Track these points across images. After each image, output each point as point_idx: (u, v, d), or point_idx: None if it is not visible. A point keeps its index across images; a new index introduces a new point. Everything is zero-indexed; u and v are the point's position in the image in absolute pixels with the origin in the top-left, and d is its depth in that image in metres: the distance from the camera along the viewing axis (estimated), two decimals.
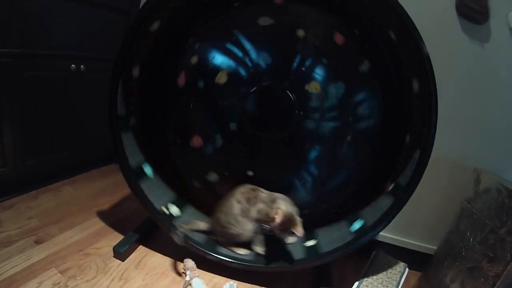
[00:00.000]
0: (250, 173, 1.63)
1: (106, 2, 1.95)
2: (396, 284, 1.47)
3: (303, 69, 1.53)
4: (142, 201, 1.48)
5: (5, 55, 1.52)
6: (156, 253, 1.58)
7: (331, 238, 1.49)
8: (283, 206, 1.36)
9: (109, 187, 2.12)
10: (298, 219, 1.34)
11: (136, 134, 1.54)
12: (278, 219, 1.31)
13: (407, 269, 1.54)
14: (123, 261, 1.50)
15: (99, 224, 1.73)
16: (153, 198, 1.51)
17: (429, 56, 1.21)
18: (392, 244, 1.80)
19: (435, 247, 1.60)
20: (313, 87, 1.52)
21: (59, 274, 1.34)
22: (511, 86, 1.53)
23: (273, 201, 1.41)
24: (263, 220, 1.39)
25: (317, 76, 1.53)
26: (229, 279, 1.48)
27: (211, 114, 1.65)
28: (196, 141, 1.63)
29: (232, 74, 1.56)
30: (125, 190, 2.06)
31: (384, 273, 1.53)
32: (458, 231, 1.43)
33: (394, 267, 1.55)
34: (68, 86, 1.87)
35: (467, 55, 1.55)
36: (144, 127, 1.59)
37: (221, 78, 1.56)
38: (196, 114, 1.64)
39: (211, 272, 1.50)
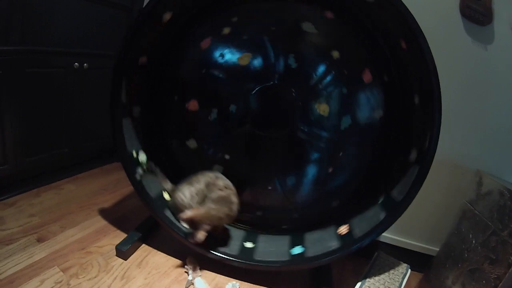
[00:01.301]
0: (227, 156, 1.62)
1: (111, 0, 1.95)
2: (398, 285, 1.47)
3: (320, 86, 1.52)
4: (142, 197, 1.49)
5: (7, 51, 1.52)
6: (159, 252, 1.59)
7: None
8: (201, 210, 1.39)
9: (111, 185, 2.12)
10: (202, 231, 1.40)
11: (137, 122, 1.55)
12: (181, 218, 1.40)
13: (409, 270, 1.54)
14: (125, 259, 1.50)
15: (101, 222, 1.73)
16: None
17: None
18: (393, 245, 1.81)
19: (437, 249, 1.60)
20: (322, 109, 1.51)
21: (61, 273, 1.34)
22: None
23: (204, 199, 1.43)
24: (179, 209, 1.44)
25: (330, 99, 1.53)
26: (231, 279, 1.48)
27: (217, 88, 1.61)
28: (193, 105, 1.61)
29: (252, 62, 1.55)
30: (126, 188, 2.07)
31: (386, 274, 1.53)
32: (459, 233, 1.43)
33: (396, 268, 1.55)
34: (70, 83, 1.87)
35: (470, 57, 1.55)
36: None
37: (243, 60, 1.54)
38: (204, 82, 1.62)
39: (213, 272, 1.51)
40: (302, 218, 1.65)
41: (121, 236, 1.60)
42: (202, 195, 1.43)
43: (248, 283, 1.50)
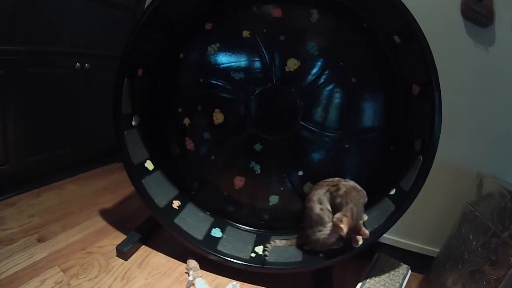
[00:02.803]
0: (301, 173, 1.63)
1: (112, 0, 1.95)
2: (398, 286, 1.47)
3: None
4: (144, 198, 1.49)
5: (10, 51, 1.52)
6: (159, 253, 1.59)
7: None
8: (348, 212, 1.35)
9: (111, 186, 2.13)
10: (361, 223, 1.37)
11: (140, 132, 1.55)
12: (344, 229, 1.31)
13: (409, 272, 1.54)
14: (126, 260, 1.50)
15: (101, 222, 1.73)
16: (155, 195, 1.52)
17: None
18: (394, 246, 1.81)
19: (437, 250, 1.60)
20: (292, 64, 1.53)
21: (62, 273, 1.34)
22: None
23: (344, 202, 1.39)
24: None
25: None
26: (232, 280, 1.48)
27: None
28: (189, 144, 1.65)
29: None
30: (127, 189, 2.07)
31: (387, 275, 1.53)
32: (460, 234, 1.43)
33: (397, 269, 1.55)
34: (72, 83, 1.88)
35: (472, 59, 1.55)
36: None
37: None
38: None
39: (214, 273, 1.51)
40: None
41: (121, 236, 1.61)
42: (327, 212, 1.43)
43: (249, 284, 1.49)
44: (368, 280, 1.50)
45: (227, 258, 1.48)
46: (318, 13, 1.50)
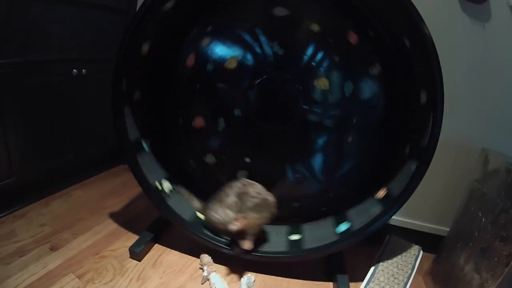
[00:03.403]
0: (248, 159, 1.65)
1: (103, 3, 1.93)
2: (411, 267, 1.48)
3: (313, 63, 1.53)
4: (136, 174, 1.49)
5: (4, 64, 1.50)
6: (172, 251, 1.60)
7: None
8: (245, 221, 1.39)
9: (118, 188, 2.13)
10: (249, 240, 1.41)
11: (136, 110, 1.54)
12: (233, 228, 1.37)
13: (421, 252, 1.56)
14: (139, 261, 1.51)
15: (111, 225, 1.74)
16: (147, 172, 1.52)
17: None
18: (404, 228, 1.82)
19: (447, 229, 1.61)
20: (322, 83, 1.52)
21: (77, 279, 1.35)
22: None
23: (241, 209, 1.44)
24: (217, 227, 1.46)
25: (326, 72, 1.53)
26: (246, 272, 1.49)
27: (217, 98, 1.64)
28: (198, 122, 1.63)
29: (242, 61, 1.56)
30: (134, 190, 2.08)
31: (399, 256, 1.54)
32: (469, 212, 1.44)
33: (409, 251, 1.56)
34: (70, 90, 1.86)
35: (469, 36, 1.54)
36: (146, 102, 1.60)
37: (231, 64, 1.56)
38: (202, 96, 1.64)
39: (228, 266, 1.52)
40: (338, 197, 1.66)
41: (133, 237, 1.61)
42: (236, 208, 1.44)
43: (264, 275, 1.51)
44: (380, 263, 1.51)
45: (276, 255, 1.49)
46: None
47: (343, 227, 1.50)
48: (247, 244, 1.40)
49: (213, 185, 1.59)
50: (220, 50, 1.57)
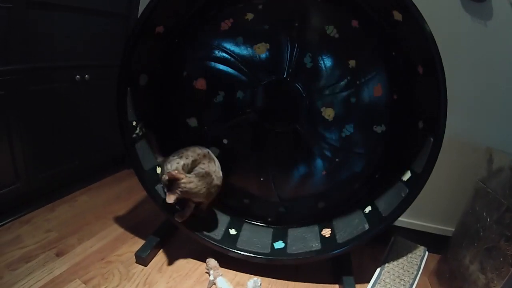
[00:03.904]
0: (225, 141, 1.64)
1: (105, 9, 1.94)
2: (417, 268, 1.48)
3: (329, 90, 1.53)
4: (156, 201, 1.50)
5: (8, 72, 1.52)
6: (178, 255, 1.60)
7: (348, 228, 1.52)
8: (182, 175, 1.35)
9: (123, 193, 2.14)
10: (178, 190, 1.35)
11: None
12: (164, 178, 1.35)
13: (427, 253, 1.56)
14: (145, 266, 1.51)
15: (117, 230, 1.74)
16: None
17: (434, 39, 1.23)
18: (409, 229, 1.82)
19: (452, 229, 1.61)
20: (327, 113, 1.53)
21: (83, 285, 1.36)
22: None
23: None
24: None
25: (337, 106, 1.54)
26: (252, 275, 1.50)
27: (227, 72, 1.60)
28: (200, 83, 1.61)
29: (269, 53, 1.55)
30: (139, 195, 2.08)
31: (404, 258, 1.54)
32: (474, 211, 1.43)
33: (414, 252, 1.57)
34: (73, 96, 1.87)
35: (471, 34, 1.55)
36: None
37: (260, 49, 1.54)
38: (216, 63, 1.61)
39: (234, 270, 1.53)
40: (288, 214, 1.69)
41: (139, 242, 1.62)
42: (187, 170, 1.42)
43: (269, 278, 1.52)
44: (386, 264, 1.52)
45: (246, 254, 1.50)
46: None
47: (279, 245, 1.56)
48: (170, 197, 1.33)
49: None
50: (257, 33, 1.56)
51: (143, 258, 1.50)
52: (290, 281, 1.52)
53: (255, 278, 1.46)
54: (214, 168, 1.46)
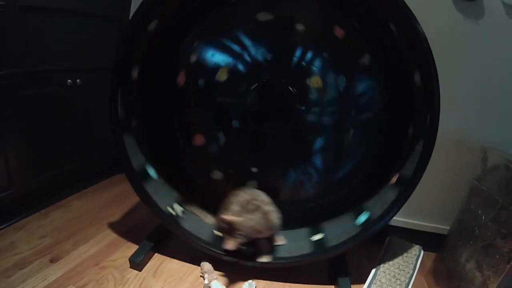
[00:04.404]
0: (254, 169, 1.64)
1: (97, 12, 1.93)
2: (413, 267, 1.48)
3: (303, 63, 1.52)
4: (147, 203, 1.50)
5: (0, 76, 1.51)
6: (172, 260, 1.59)
7: (340, 230, 1.52)
8: (239, 218, 1.37)
9: (117, 197, 2.12)
10: (233, 241, 1.38)
11: (138, 136, 1.54)
12: (218, 222, 1.39)
13: (422, 252, 1.55)
14: (140, 270, 1.50)
15: (111, 235, 1.73)
16: (158, 199, 1.53)
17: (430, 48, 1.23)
18: (404, 228, 1.82)
19: (448, 227, 1.60)
20: (315, 82, 1.52)
21: None
22: (509, 60, 1.53)
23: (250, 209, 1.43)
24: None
25: (318, 70, 1.52)
26: (247, 279, 1.48)
27: (213, 112, 1.65)
28: (198, 140, 1.63)
29: (233, 71, 1.56)
30: (134, 199, 2.06)
31: (400, 257, 1.54)
32: (469, 210, 1.43)
33: (409, 251, 1.56)
34: (67, 100, 1.87)
35: (463, 33, 1.54)
36: (145, 128, 1.60)
37: (222, 76, 1.55)
38: (198, 113, 1.65)
39: (229, 273, 1.51)
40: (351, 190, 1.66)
41: (133, 247, 1.61)
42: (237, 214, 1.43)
43: (265, 281, 1.51)
44: (382, 264, 1.51)
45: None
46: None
47: (363, 218, 1.49)
48: (229, 244, 1.37)
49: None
50: (209, 62, 1.57)
51: (137, 263, 1.49)
52: (286, 282, 1.51)
53: (250, 281, 1.45)
54: (263, 199, 1.48)
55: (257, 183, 1.63)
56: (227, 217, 1.35)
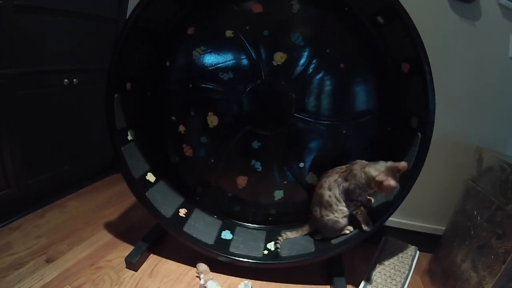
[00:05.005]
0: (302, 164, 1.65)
1: (93, 13, 1.93)
2: (408, 267, 1.48)
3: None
4: (150, 210, 1.50)
5: None
6: (168, 260, 1.59)
7: None
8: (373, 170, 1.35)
9: (113, 198, 2.12)
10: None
11: (137, 145, 1.56)
12: (390, 182, 1.29)
13: (418, 252, 1.55)
14: (136, 271, 1.50)
15: (107, 236, 1.73)
16: (160, 206, 1.53)
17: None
18: (400, 228, 1.82)
19: (443, 228, 1.61)
20: (279, 57, 1.53)
21: None
22: (505, 62, 1.54)
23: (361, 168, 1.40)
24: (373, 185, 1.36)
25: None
26: (243, 279, 1.49)
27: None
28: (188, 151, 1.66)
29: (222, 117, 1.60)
30: (130, 199, 2.07)
31: (396, 257, 1.54)
32: (464, 210, 1.44)
33: (405, 251, 1.56)
34: (62, 100, 1.86)
35: (459, 34, 1.55)
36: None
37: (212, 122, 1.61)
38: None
39: (224, 274, 1.51)
40: (280, 216, 1.72)
41: (129, 248, 1.60)
42: (334, 199, 1.46)
43: (260, 281, 1.51)
44: (377, 265, 1.52)
45: (238, 258, 1.49)
46: (298, 3, 1.49)
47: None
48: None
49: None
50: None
51: (133, 263, 1.49)
52: (282, 283, 1.51)
53: (246, 281, 1.45)
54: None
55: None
56: (384, 175, 1.31)
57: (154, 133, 1.67)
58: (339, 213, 1.45)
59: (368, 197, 1.48)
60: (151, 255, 1.62)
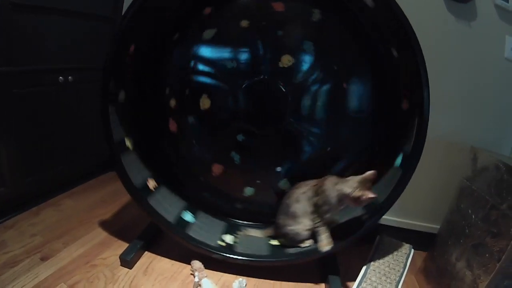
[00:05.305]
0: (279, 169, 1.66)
1: (89, 12, 1.92)
2: (403, 266, 1.48)
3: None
4: (121, 175, 1.47)
5: None
6: (163, 258, 1.59)
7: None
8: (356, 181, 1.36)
9: (108, 196, 2.11)
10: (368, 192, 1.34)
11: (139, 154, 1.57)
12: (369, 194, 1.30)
13: (412, 250, 1.56)
14: (130, 268, 1.50)
15: (102, 234, 1.72)
16: (163, 211, 1.54)
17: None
18: (395, 227, 1.83)
19: (438, 226, 1.61)
20: (286, 60, 1.53)
21: None
22: (500, 62, 1.54)
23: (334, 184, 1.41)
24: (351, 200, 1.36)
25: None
26: (237, 276, 1.49)
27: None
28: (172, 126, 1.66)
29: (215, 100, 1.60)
30: (124, 198, 2.07)
31: (390, 256, 1.54)
32: (459, 209, 1.44)
33: (400, 250, 1.57)
34: (58, 99, 1.85)
35: (455, 35, 1.55)
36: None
37: (204, 104, 1.59)
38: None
39: (219, 271, 1.52)
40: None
41: (123, 245, 1.60)
42: (301, 211, 1.48)
43: (256, 278, 1.51)
44: (372, 263, 1.52)
45: (230, 255, 1.49)
46: (320, 13, 1.50)
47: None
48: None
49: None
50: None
51: (127, 261, 1.49)
52: (276, 280, 1.51)
53: (241, 278, 1.45)
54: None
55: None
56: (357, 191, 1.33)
57: (144, 102, 1.65)
58: (301, 226, 1.49)
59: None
60: (146, 252, 1.61)
